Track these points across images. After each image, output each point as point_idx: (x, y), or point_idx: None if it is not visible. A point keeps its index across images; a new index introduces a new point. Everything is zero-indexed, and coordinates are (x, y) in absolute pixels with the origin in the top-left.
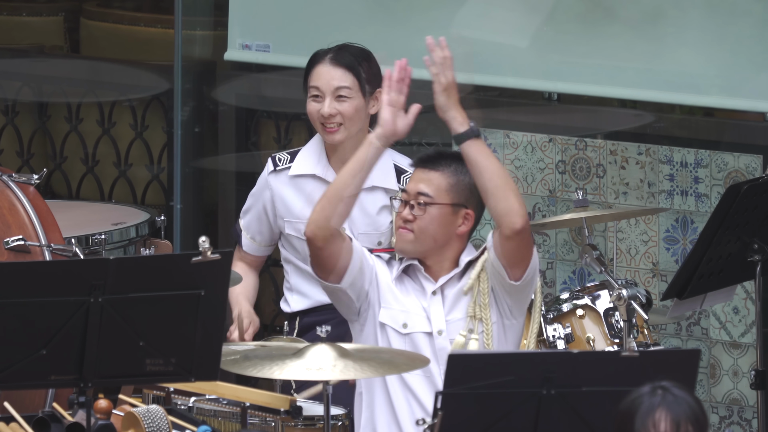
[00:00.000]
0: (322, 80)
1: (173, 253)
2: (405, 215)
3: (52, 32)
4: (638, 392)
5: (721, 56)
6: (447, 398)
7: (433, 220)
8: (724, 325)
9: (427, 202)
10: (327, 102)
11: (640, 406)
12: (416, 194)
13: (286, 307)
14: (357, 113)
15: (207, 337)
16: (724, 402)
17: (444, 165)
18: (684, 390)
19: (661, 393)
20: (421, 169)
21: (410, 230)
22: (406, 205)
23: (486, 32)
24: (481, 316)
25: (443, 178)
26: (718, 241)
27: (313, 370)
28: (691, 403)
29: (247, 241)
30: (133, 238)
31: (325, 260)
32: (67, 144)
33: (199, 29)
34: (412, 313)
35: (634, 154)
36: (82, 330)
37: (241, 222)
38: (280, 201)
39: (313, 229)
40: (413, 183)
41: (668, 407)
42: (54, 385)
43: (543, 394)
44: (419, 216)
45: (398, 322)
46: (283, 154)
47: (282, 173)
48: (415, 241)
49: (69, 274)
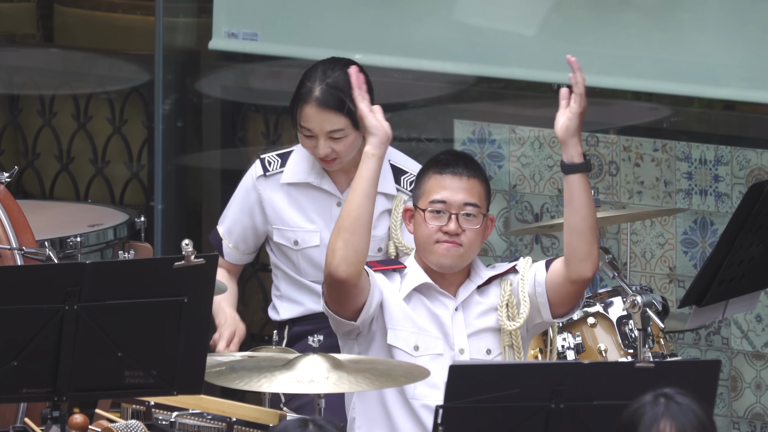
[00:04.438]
0: (313, 123)
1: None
2: (453, 228)
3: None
4: (639, 401)
5: (743, 45)
6: (448, 413)
7: (479, 232)
8: (746, 334)
9: (478, 213)
10: (321, 143)
11: (642, 416)
12: (462, 205)
13: (275, 314)
14: (353, 145)
15: (190, 347)
16: (747, 417)
17: (476, 170)
18: (688, 397)
19: (664, 402)
20: (454, 176)
21: (459, 244)
22: (449, 217)
23: (490, 19)
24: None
25: (481, 184)
26: (739, 244)
27: (305, 383)
28: (697, 411)
29: (228, 249)
30: (111, 240)
31: (353, 299)
32: (39, 139)
33: (181, 16)
34: (424, 334)
35: (650, 151)
36: (56, 340)
37: (220, 229)
38: (270, 207)
39: (345, 269)
40: (450, 192)
41: (673, 417)
42: (26, 399)
43: (551, 408)
44: (472, 228)
45: (409, 344)
46: (273, 157)
47: (272, 179)
48: (464, 255)
49: (42, 280)
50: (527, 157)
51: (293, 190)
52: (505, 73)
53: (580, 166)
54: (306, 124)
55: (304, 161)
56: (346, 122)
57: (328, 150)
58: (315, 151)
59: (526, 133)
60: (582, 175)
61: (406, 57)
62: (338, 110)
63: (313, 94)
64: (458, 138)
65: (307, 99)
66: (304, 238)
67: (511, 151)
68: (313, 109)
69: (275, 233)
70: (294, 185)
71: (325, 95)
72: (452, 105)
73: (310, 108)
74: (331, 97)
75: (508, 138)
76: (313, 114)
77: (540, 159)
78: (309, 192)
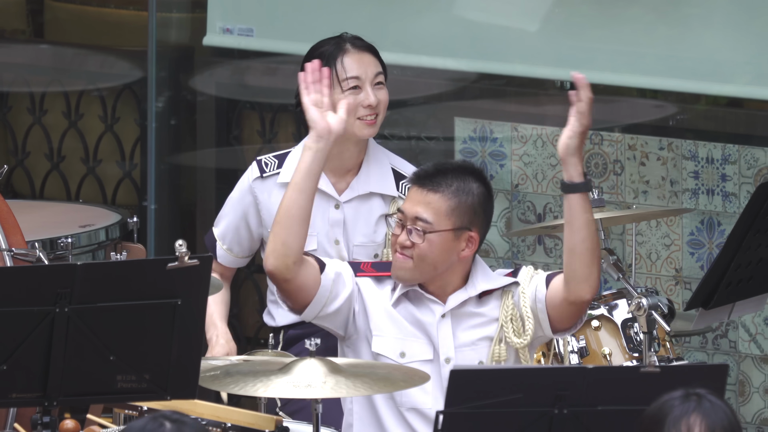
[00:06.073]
0: (359, 69)
1: (147, 259)
2: (402, 240)
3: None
4: (669, 396)
5: (751, 40)
6: (448, 418)
7: (433, 248)
8: (754, 337)
9: (426, 229)
10: (369, 91)
11: (672, 409)
12: (414, 219)
13: (270, 320)
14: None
15: (184, 350)
16: (755, 422)
17: (444, 185)
18: (720, 398)
19: (695, 399)
20: (419, 189)
21: (409, 257)
22: (403, 227)
23: (491, 14)
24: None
25: (443, 200)
26: (747, 245)
27: (301, 388)
28: (728, 413)
29: (222, 252)
30: (103, 241)
31: (295, 293)
32: (29, 138)
33: (175, 11)
34: (410, 340)
35: (655, 149)
36: (46, 343)
37: (215, 231)
38: (265, 210)
39: (272, 261)
40: (410, 204)
41: (704, 414)
42: (16, 404)
43: (554, 414)
44: (417, 243)
45: (395, 351)
46: (270, 158)
47: (269, 180)
48: (414, 269)
49: (32, 282)
50: (530, 155)
51: None
52: (506, 70)
53: (580, 185)
54: (354, 72)
55: None
56: (382, 67)
57: (376, 99)
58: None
59: (529, 131)
60: (582, 194)
61: (406, 53)
62: (376, 54)
63: (347, 43)
64: (459, 136)
65: (344, 49)
66: None
67: (513, 149)
68: (355, 55)
69: None
70: None
71: (358, 41)
72: (453, 102)
73: (351, 55)
74: (364, 42)
75: (510, 136)
76: (356, 60)
77: (543, 158)
78: None
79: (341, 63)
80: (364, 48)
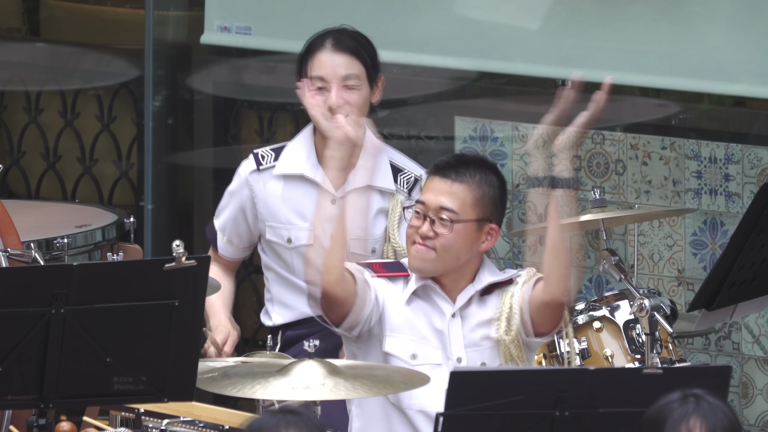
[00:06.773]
0: (327, 69)
1: (144, 259)
2: (425, 231)
3: (9, 12)
4: (667, 399)
5: (755, 39)
6: (449, 420)
7: (458, 238)
8: (757, 339)
9: (453, 219)
10: (333, 92)
11: (671, 412)
12: (439, 209)
13: (267, 320)
14: (365, 104)
15: (181, 352)
16: (758, 425)
17: (468, 176)
18: (718, 398)
19: (694, 400)
20: (442, 179)
21: (431, 248)
22: (424, 218)
23: (492, 12)
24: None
25: (468, 191)
26: (750, 246)
27: (300, 389)
28: (728, 413)
29: (222, 243)
30: (99, 242)
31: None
32: (25, 137)
33: (172, 9)
34: (423, 343)
35: (658, 149)
36: (42, 344)
37: (216, 222)
38: (262, 204)
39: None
40: (433, 194)
41: (704, 415)
42: (11, 406)
43: (556, 416)
44: (442, 233)
45: (407, 352)
46: (267, 151)
47: (265, 172)
48: (436, 259)
49: (27, 283)
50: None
51: (286, 184)
52: (507, 69)
53: (569, 181)
54: (318, 72)
55: (300, 152)
56: (361, 69)
57: (341, 100)
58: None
59: (530, 130)
60: (570, 190)
61: (405, 51)
62: (354, 54)
63: (328, 40)
64: (459, 135)
65: (319, 46)
66: (297, 236)
67: (514, 149)
68: (327, 54)
69: (268, 231)
70: (287, 178)
71: (339, 39)
72: (453, 101)
73: (323, 54)
74: (347, 40)
75: (511, 135)
76: (326, 59)
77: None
78: (302, 187)
79: (311, 61)
80: (343, 48)
